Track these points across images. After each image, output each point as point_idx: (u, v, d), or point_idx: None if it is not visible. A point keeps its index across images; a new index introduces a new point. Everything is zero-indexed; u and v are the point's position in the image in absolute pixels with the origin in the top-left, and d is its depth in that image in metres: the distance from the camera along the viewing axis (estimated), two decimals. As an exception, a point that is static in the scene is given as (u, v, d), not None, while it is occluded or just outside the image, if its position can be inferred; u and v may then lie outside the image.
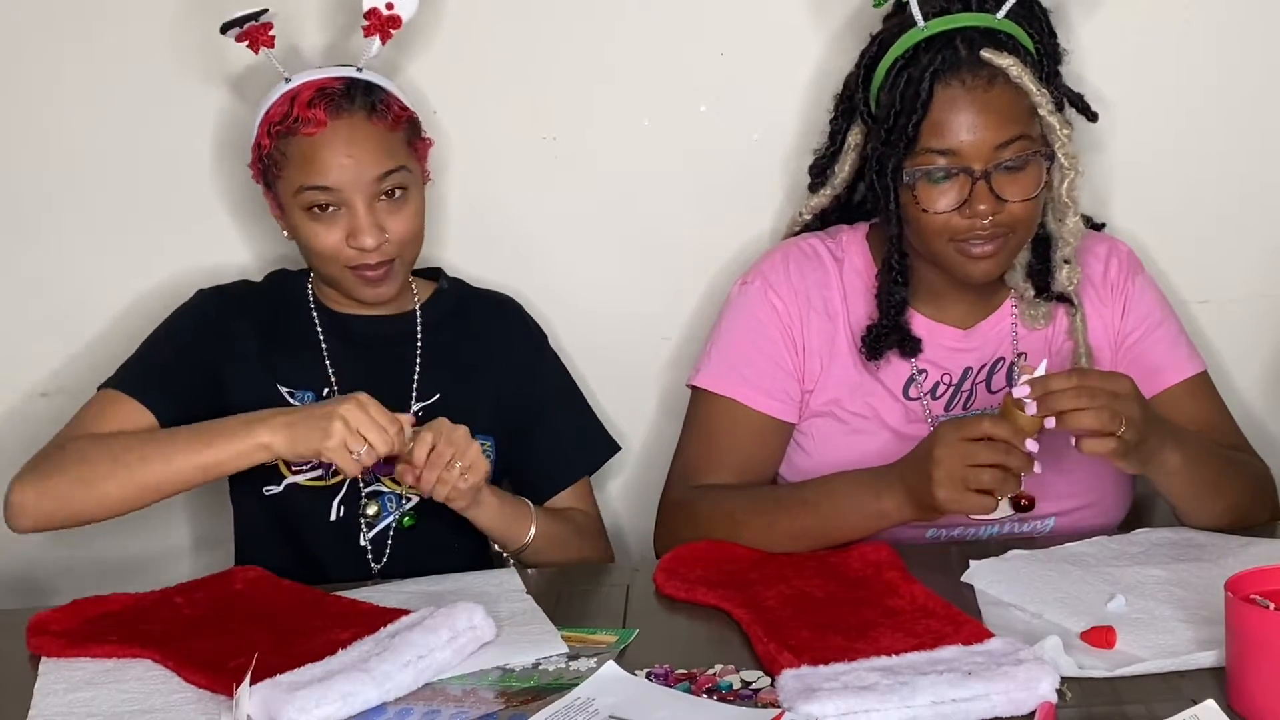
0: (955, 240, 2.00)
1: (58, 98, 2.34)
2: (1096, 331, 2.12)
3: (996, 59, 1.97)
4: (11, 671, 1.81)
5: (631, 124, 2.36)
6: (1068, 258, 2.06)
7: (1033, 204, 2.00)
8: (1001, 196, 1.97)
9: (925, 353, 2.11)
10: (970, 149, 1.96)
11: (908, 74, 2.00)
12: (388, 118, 2.08)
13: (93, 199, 2.37)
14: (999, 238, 2.00)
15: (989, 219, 1.97)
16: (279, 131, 2.07)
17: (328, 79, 2.09)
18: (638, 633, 1.78)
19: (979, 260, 2.01)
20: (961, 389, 2.12)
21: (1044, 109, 1.98)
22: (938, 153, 1.97)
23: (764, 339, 2.12)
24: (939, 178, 1.98)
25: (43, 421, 2.34)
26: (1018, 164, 1.98)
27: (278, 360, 2.14)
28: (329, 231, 2.07)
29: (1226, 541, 1.92)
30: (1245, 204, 2.36)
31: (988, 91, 1.97)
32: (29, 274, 2.39)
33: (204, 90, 2.32)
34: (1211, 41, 2.32)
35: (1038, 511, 2.04)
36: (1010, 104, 1.97)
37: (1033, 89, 1.97)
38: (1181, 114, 2.33)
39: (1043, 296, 2.09)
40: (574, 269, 2.39)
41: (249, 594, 1.93)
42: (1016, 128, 1.97)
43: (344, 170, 2.05)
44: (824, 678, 1.59)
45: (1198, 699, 1.52)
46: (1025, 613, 1.76)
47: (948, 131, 1.96)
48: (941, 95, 1.97)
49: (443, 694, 1.66)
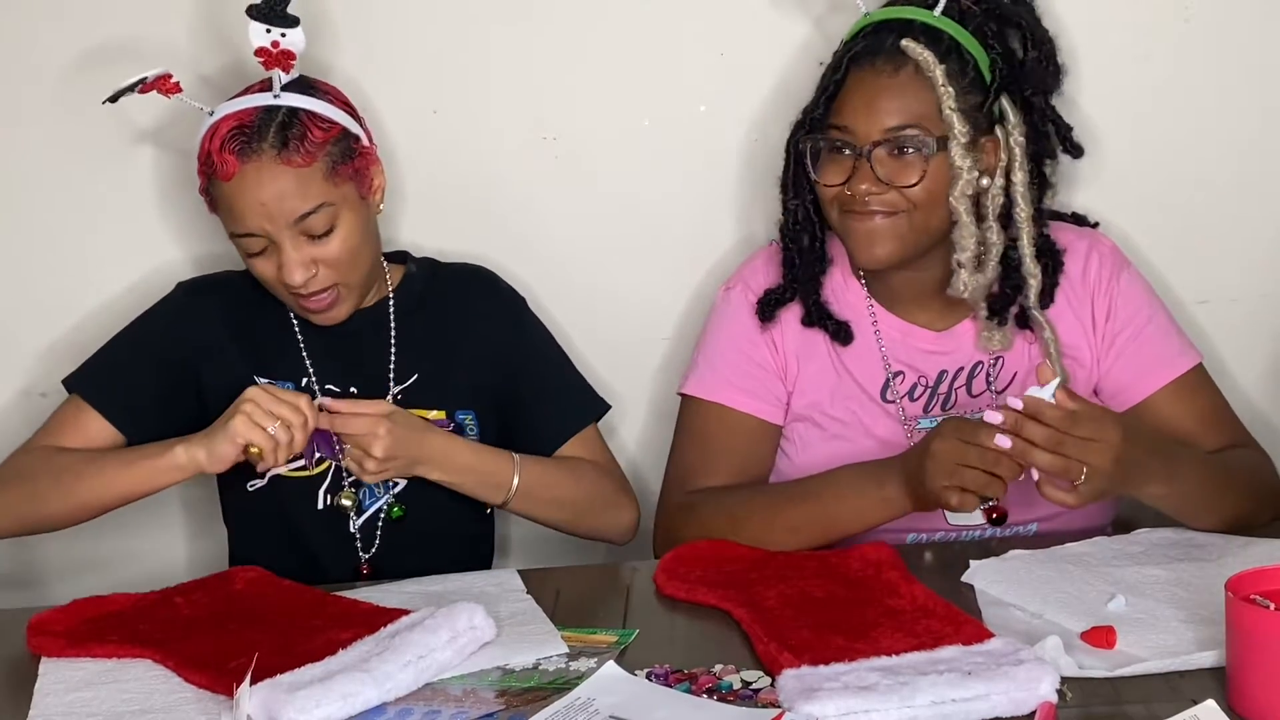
0: (845, 215, 2.03)
1: (45, 87, 2.33)
2: (1074, 333, 2.11)
3: (913, 49, 2.00)
4: (11, 671, 1.81)
5: (631, 124, 2.36)
6: (961, 262, 2.04)
7: (919, 192, 2.00)
8: (882, 178, 1.99)
9: (900, 354, 2.12)
10: (861, 127, 2.01)
11: (835, 57, 2.07)
12: (300, 153, 2.02)
13: (92, 197, 2.37)
14: (884, 214, 2.01)
15: (868, 198, 2.00)
16: (204, 172, 2.06)
17: (242, 112, 2.04)
18: (638, 633, 1.78)
19: (867, 240, 2.03)
20: (938, 391, 2.12)
21: (946, 105, 1.99)
22: (834, 128, 2.03)
23: (747, 343, 2.14)
24: (828, 149, 2.03)
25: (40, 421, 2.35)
26: (900, 146, 2.00)
27: (255, 354, 2.15)
28: (266, 265, 2.06)
29: (1227, 541, 1.92)
30: (1245, 204, 2.36)
31: (893, 77, 2.01)
32: (23, 271, 2.39)
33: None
34: (1212, 40, 2.31)
35: (1019, 518, 2.06)
36: (913, 94, 2.00)
37: (939, 83, 1.99)
38: (1181, 113, 2.33)
39: (997, 319, 2.09)
40: (573, 269, 2.39)
41: (249, 594, 1.93)
42: (909, 116, 2.00)
43: (260, 215, 2.02)
44: (824, 678, 1.59)
45: (1198, 699, 1.52)
46: (1025, 613, 1.76)
47: (846, 109, 2.02)
48: (853, 76, 2.03)
49: (443, 694, 1.66)
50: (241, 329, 2.16)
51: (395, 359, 2.18)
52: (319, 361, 2.16)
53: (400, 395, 2.15)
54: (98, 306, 2.38)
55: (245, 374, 2.13)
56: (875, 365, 2.12)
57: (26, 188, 2.37)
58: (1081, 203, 2.31)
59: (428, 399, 2.15)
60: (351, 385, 2.16)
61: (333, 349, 2.17)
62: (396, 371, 2.17)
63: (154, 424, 2.09)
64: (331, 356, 2.17)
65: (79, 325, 2.38)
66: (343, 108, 2.10)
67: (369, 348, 2.18)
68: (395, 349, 2.18)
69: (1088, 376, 2.12)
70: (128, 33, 2.31)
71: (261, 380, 2.11)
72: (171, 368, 2.14)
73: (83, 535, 2.18)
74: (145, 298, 2.28)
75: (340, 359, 2.17)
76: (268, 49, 2.07)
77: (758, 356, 2.13)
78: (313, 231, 2.03)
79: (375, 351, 2.18)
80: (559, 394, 2.23)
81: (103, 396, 2.12)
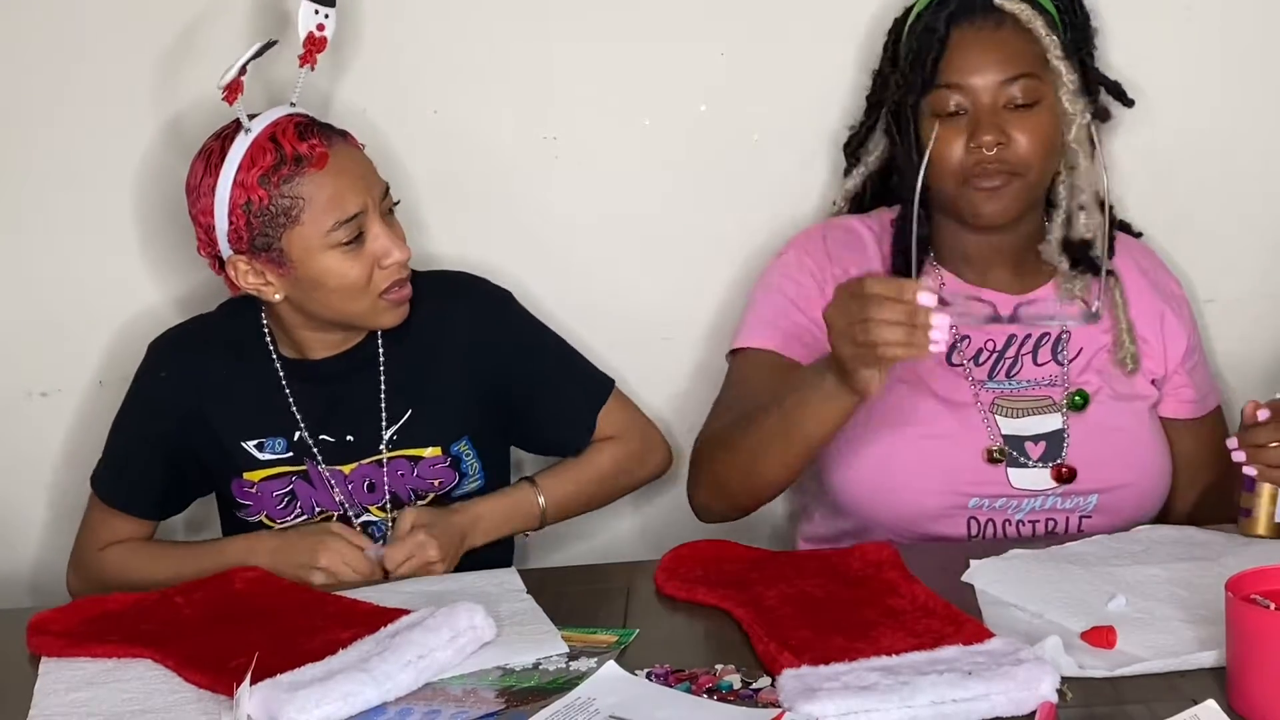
0: (966, 177, 2.03)
1: (51, 94, 2.34)
2: (1149, 327, 2.15)
3: (1008, 4, 2.05)
4: (11, 671, 1.81)
5: (631, 124, 2.36)
6: (1082, 204, 2.09)
7: (1039, 145, 2.03)
8: (1007, 130, 2.02)
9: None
10: (979, 84, 2.03)
11: (925, 21, 2.09)
12: (348, 138, 2.06)
13: (85, 198, 2.37)
14: (1006, 175, 2.03)
15: (994, 150, 2.01)
16: (281, 177, 1.97)
17: (283, 117, 2.02)
18: (638, 633, 1.78)
19: (987, 197, 2.03)
20: (1005, 355, 2.12)
21: (1053, 54, 2.04)
22: (950, 88, 2.04)
23: (800, 297, 2.11)
24: (951, 111, 2.04)
25: (40, 421, 2.36)
26: (1025, 101, 2.03)
27: (241, 414, 2.13)
28: (356, 263, 2.02)
29: (1227, 541, 1.92)
30: (1251, 203, 2.36)
31: (996, 32, 2.05)
32: (24, 273, 2.39)
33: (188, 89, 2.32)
34: (1216, 39, 2.32)
35: (1081, 486, 2.06)
36: (1019, 46, 2.05)
37: (1042, 34, 2.05)
38: (1187, 112, 2.33)
39: (1077, 269, 2.11)
40: (573, 269, 2.39)
41: (249, 594, 1.93)
42: (1023, 66, 2.04)
43: (363, 191, 2.01)
44: (824, 678, 1.58)
45: (1198, 699, 1.52)
46: (1026, 613, 1.76)
47: (958, 68, 2.04)
48: (955, 36, 2.05)
49: (443, 694, 1.66)
50: (222, 391, 2.13)
51: (386, 398, 2.14)
52: (309, 413, 2.14)
53: (395, 438, 2.13)
54: (98, 307, 2.38)
55: (233, 437, 2.13)
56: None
57: (27, 188, 2.37)
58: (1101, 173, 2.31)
59: (422, 437, 2.13)
60: (348, 434, 2.14)
61: (322, 397, 2.13)
62: (389, 411, 2.14)
63: (173, 505, 2.19)
64: (321, 405, 2.14)
65: (80, 325, 2.39)
66: None
67: (358, 391, 2.14)
68: (385, 387, 2.14)
69: (1153, 368, 2.15)
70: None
71: (249, 444, 2.12)
72: (167, 441, 2.15)
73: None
74: (146, 298, 2.28)
75: (330, 406, 2.14)
76: (312, 33, 2.08)
77: (808, 309, 2.08)
78: (389, 209, 2.06)
79: (365, 394, 2.14)
80: (566, 383, 2.21)
81: (119, 499, 2.17)
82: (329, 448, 2.13)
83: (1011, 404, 2.10)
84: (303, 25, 2.08)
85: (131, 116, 2.33)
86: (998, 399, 2.10)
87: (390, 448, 2.13)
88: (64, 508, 2.40)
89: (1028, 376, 2.12)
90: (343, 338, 2.12)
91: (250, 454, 2.13)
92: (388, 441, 2.13)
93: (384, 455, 2.13)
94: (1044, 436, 2.09)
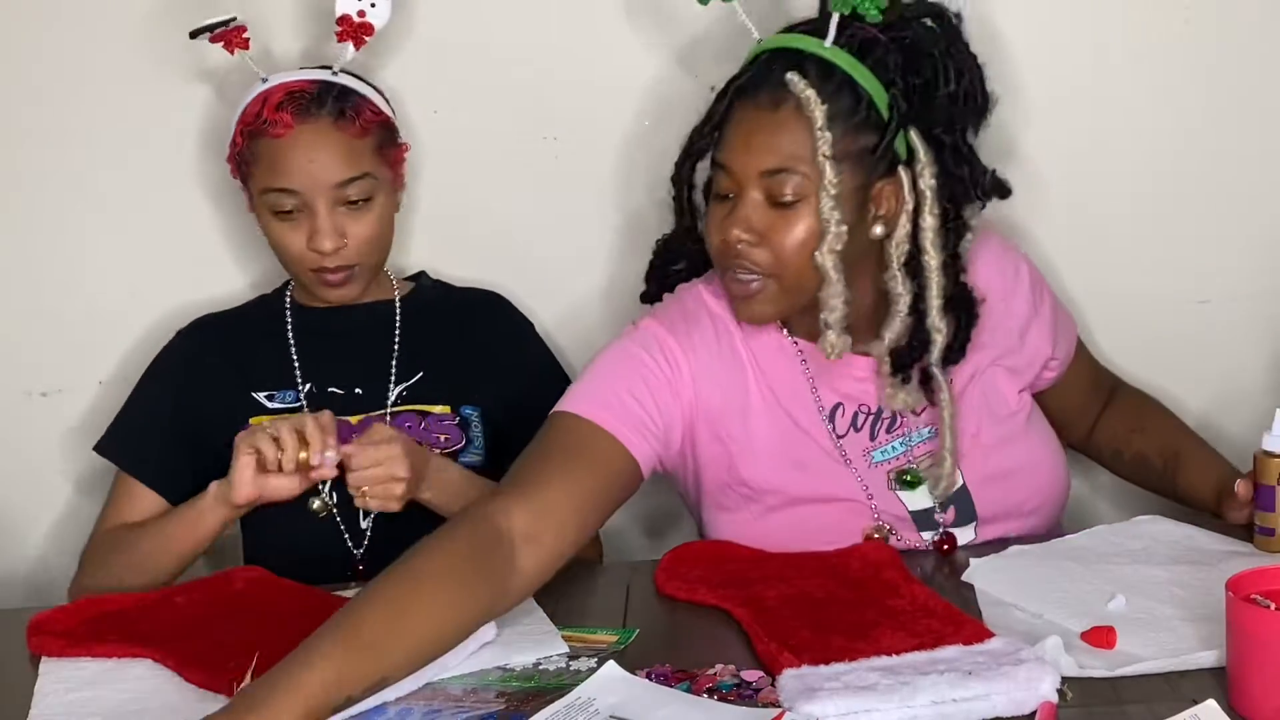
0: (724, 267, 1.91)
1: (51, 95, 2.34)
2: (1041, 336, 2.07)
3: (796, 84, 1.85)
4: (11, 671, 1.81)
5: (631, 124, 2.36)
6: (829, 323, 1.88)
7: (795, 248, 1.85)
8: (757, 226, 1.86)
9: (837, 385, 1.98)
10: (738, 166, 1.87)
11: (728, 84, 1.93)
12: (355, 124, 2.10)
13: (91, 196, 2.37)
14: (761, 277, 1.88)
15: (739, 248, 1.87)
16: (250, 131, 2.10)
17: (301, 82, 2.11)
18: (638, 633, 1.78)
19: (742, 294, 1.90)
20: (882, 416, 2.00)
21: (822, 151, 1.83)
22: (719, 166, 1.90)
23: (639, 379, 1.94)
24: (721, 194, 1.90)
25: (40, 421, 2.35)
26: (778, 196, 1.85)
27: (248, 371, 2.17)
28: (293, 234, 2.10)
29: (1227, 541, 1.92)
30: (1245, 203, 2.36)
31: (774, 114, 1.86)
32: (29, 271, 2.39)
33: (191, 88, 2.32)
34: (1211, 40, 2.31)
35: (993, 531, 2.00)
36: (791, 133, 1.85)
37: (818, 124, 1.83)
38: (1181, 113, 2.33)
39: (899, 376, 1.94)
40: (573, 269, 2.39)
41: (249, 594, 1.93)
42: (785, 159, 1.85)
43: (305, 174, 2.07)
44: (824, 678, 1.59)
45: (1198, 699, 1.52)
46: (1026, 612, 1.76)
47: (725, 145, 1.89)
48: (737, 111, 1.89)
49: (443, 694, 1.66)
50: (230, 351, 2.19)
51: (399, 357, 2.18)
52: (316, 368, 2.17)
53: (405, 392, 2.16)
54: (99, 307, 2.38)
55: (241, 393, 2.15)
56: (807, 400, 1.98)
57: (27, 188, 2.37)
58: (1082, 201, 2.31)
59: (433, 394, 2.16)
60: (356, 387, 2.17)
61: (330, 352, 2.18)
62: (400, 369, 2.18)
63: (187, 480, 2.12)
64: (329, 360, 2.18)
65: (80, 326, 2.39)
66: (387, 105, 2.19)
67: (371, 346, 2.19)
68: (399, 346, 2.19)
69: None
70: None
71: (259, 395, 2.15)
72: (186, 427, 2.16)
73: (82, 537, 2.18)
74: (145, 299, 2.28)
75: (338, 362, 2.17)
76: (350, 17, 2.14)
77: (653, 396, 1.93)
78: (350, 198, 2.09)
79: (377, 349, 2.19)
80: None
81: (144, 470, 2.16)
82: (337, 399, 2.15)
83: (915, 475, 1.98)
84: (340, 5, 2.14)
85: (136, 120, 2.33)
86: (892, 470, 1.97)
87: (399, 402, 2.16)
88: (64, 508, 2.40)
89: (910, 428, 1.99)
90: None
91: (260, 404, 2.16)
92: (397, 397, 2.16)
93: (389, 410, 2.15)
94: (951, 500, 1.97)
